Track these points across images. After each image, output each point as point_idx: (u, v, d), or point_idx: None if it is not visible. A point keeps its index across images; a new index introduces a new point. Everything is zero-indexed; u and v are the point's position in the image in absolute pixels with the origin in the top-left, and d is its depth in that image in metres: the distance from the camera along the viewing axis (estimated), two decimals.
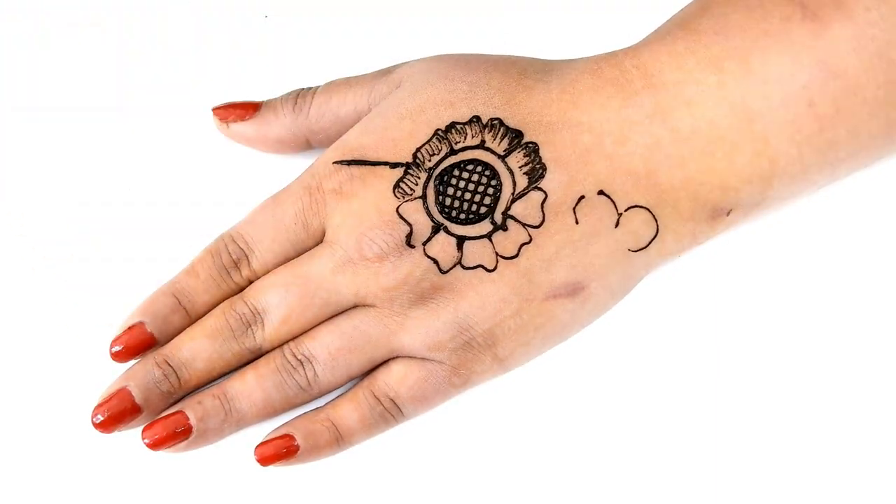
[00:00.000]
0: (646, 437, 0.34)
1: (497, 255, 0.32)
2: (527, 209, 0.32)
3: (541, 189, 0.32)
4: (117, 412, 0.32)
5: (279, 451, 0.33)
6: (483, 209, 0.32)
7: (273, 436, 0.33)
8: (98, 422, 0.32)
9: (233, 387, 0.33)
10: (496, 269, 0.32)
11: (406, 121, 0.33)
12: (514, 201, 0.32)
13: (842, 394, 0.34)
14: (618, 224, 0.32)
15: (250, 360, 0.34)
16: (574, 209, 0.32)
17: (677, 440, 0.34)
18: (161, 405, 0.33)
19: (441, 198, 0.32)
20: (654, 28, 0.34)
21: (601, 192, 0.32)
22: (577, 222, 0.32)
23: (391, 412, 0.33)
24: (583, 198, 0.32)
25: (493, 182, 0.32)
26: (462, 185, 0.32)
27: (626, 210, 0.32)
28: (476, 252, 0.32)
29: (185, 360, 0.33)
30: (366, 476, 0.34)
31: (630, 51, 0.33)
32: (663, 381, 0.35)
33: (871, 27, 0.31)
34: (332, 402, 0.34)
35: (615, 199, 0.32)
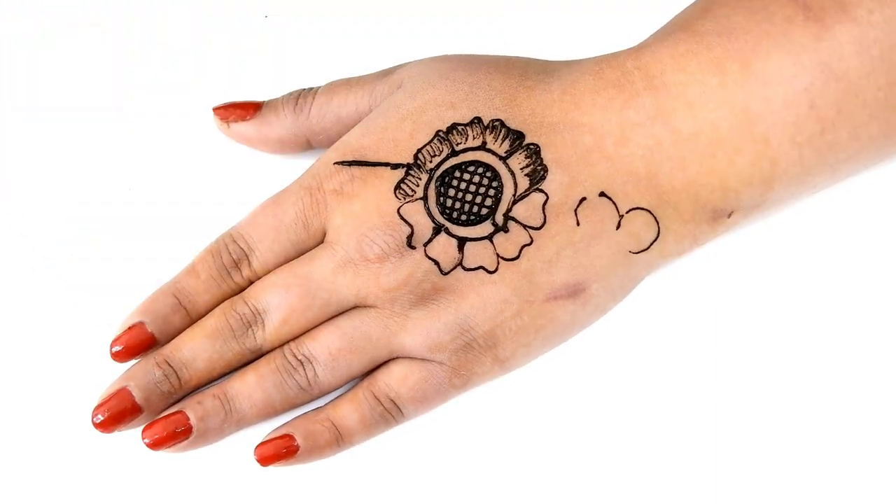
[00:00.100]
0: (646, 437, 0.34)
1: (498, 256, 0.32)
2: (528, 210, 0.32)
3: (542, 190, 0.32)
4: (117, 412, 0.32)
5: (279, 451, 0.33)
6: (484, 210, 0.32)
7: (273, 436, 0.33)
8: (98, 422, 0.32)
9: (233, 387, 0.33)
10: (497, 270, 0.32)
11: (407, 122, 0.33)
12: (515, 203, 0.32)
13: (841, 394, 0.34)
14: (619, 226, 0.32)
15: (251, 361, 0.34)
16: (575, 211, 0.32)
17: (677, 441, 0.34)
18: (161, 405, 0.33)
19: (442, 199, 0.32)
20: (655, 29, 0.34)
21: (602, 194, 0.32)
22: (578, 224, 0.32)
23: (391, 413, 0.33)
24: (584, 199, 0.32)
25: (494, 183, 0.32)
26: (463, 186, 0.32)
27: (627, 212, 0.32)
28: (477, 253, 0.32)
29: (186, 360, 0.33)
30: (366, 476, 0.34)
31: (632, 52, 0.33)
32: (663, 382, 0.35)
33: (874, 29, 0.31)
34: (332, 402, 0.34)
35: (616, 201, 0.32)
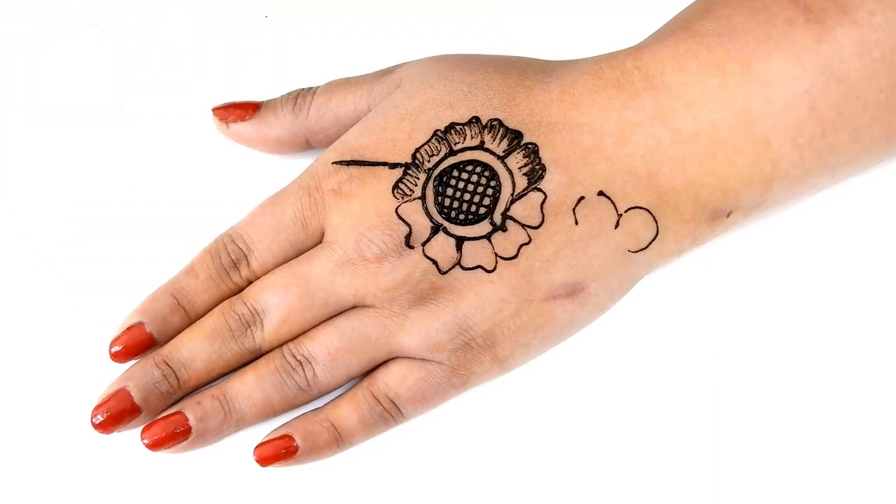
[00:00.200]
0: (645, 437, 0.34)
1: (496, 255, 0.32)
2: (526, 210, 0.32)
3: (540, 190, 0.32)
4: (116, 412, 0.32)
5: (278, 451, 0.33)
6: (482, 210, 0.32)
7: (272, 436, 0.33)
8: (97, 422, 0.32)
9: (232, 387, 0.33)
10: (495, 269, 0.32)
11: (405, 121, 0.33)
12: (513, 202, 0.32)
13: (841, 394, 0.34)
14: (617, 225, 0.32)
15: (250, 361, 0.34)
16: (574, 210, 0.32)
17: (676, 440, 0.34)
18: (160, 406, 0.33)
19: (440, 198, 0.32)
20: (655, 29, 0.34)
21: (601, 193, 0.32)
22: (576, 223, 0.32)
23: (391, 413, 0.33)
24: (582, 198, 0.32)
25: (492, 183, 0.32)
26: (461, 185, 0.32)
27: (626, 211, 0.32)
28: (475, 253, 0.32)
29: (185, 360, 0.33)
30: (366, 477, 0.34)
31: (631, 52, 0.33)
32: (662, 381, 0.35)
33: (875, 31, 0.30)
34: (331, 402, 0.33)
35: (615, 200, 0.32)
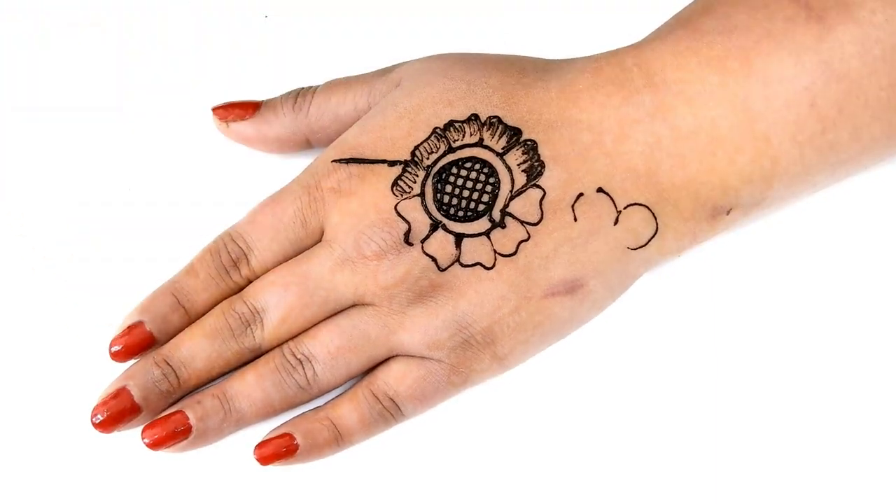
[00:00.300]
0: (644, 434, 0.34)
1: (495, 252, 0.32)
2: (525, 207, 0.32)
3: (539, 186, 0.32)
4: (117, 412, 0.32)
5: (279, 450, 0.33)
6: (481, 207, 0.32)
7: (272, 435, 0.33)
8: (98, 422, 0.32)
9: (232, 386, 0.33)
10: (494, 266, 0.32)
11: (404, 119, 0.33)
12: (512, 199, 0.32)
13: (840, 394, 0.34)
14: (617, 222, 0.32)
15: (250, 360, 0.34)
16: (573, 207, 0.32)
17: (675, 438, 0.34)
18: (160, 405, 0.33)
19: (439, 195, 0.32)
20: (655, 28, 0.34)
21: (600, 190, 0.32)
22: (575, 220, 0.32)
23: (390, 411, 0.33)
24: (581, 195, 0.32)
25: (491, 179, 0.32)
26: (460, 182, 0.32)
27: (625, 208, 0.32)
28: (474, 250, 0.32)
29: (185, 359, 0.33)
30: (366, 476, 0.34)
31: (631, 49, 0.33)
32: (661, 379, 0.34)
33: (876, 30, 0.30)
34: (331, 401, 0.33)
35: (614, 197, 0.32)
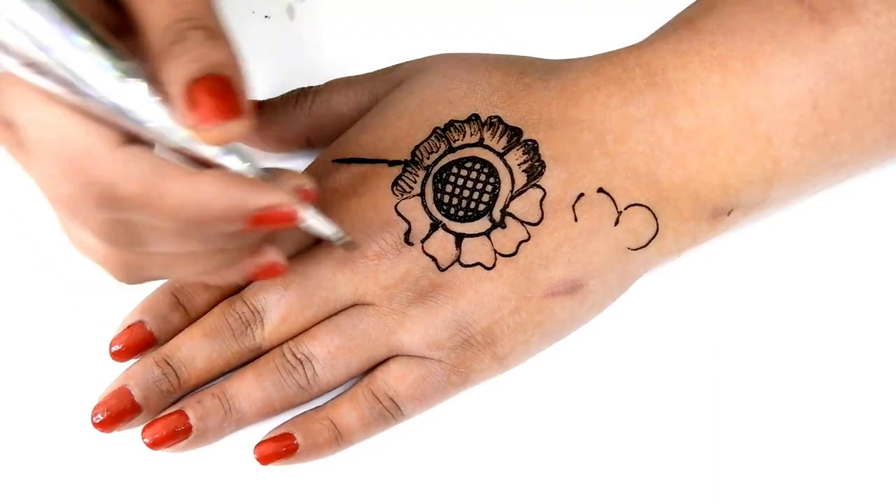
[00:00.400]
0: (643, 434, 0.34)
1: (496, 252, 0.32)
2: (525, 206, 0.32)
3: (539, 186, 0.32)
4: (117, 411, 0.32)
5: (279, 449, 0.33)
6: (481, 206, 0.32)
7: (272, 434, 0.33)
8: (98, 421, 0.32)
9: (232, 386, 0.33)
10: (495, 266, 0.32)
11: (405, 119, 0.33)
12: (512, 199, 0.32)
13: (840, 394, 0.34)
14: (617, 222, 0.32)
15: (250, 360, 0.34)
16: (573, 207, 0.32)
17: (674, 438, 0.34)
18: (161, 404, 0.33)
19: (439, 195, 0.32)
20: (657, 27, 0.34)
21: (601, 190, 0.32)
22: (576, 220, 0.32)
23: (390, 411, 0.33)
24: (582, 195, 0.32)
25: (491, 179, 0.32)
26: (460, 182, 0.32)
27: (625, 208, 0.32)
28: (474, 249, 0.32)
29: (185, 359, 0.33)
30: (366, 476, 0.34)
31: (633, 49, 0.33)
32: (660, 380, 0.34)
33: (880, 32, 0.30)
34: (331, 401, 0.33)
35: (615, 197, 0.32)
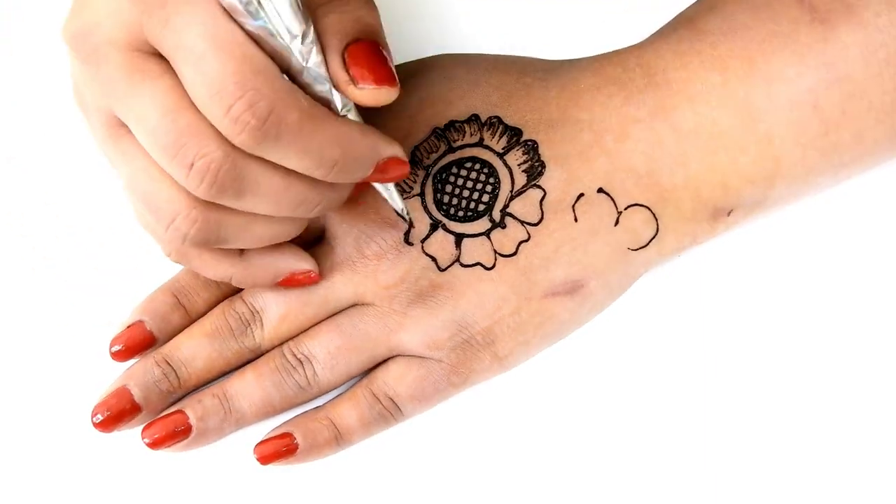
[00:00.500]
0: (643, 435, 0.34)
1: (495, 252, 0.32)
2: (525, 207, 0.32)
3: (539, 187, 0.32)
4: (117, 411, 0.32)
5: (278, 449, 0.33)
6: (481, 207, 0.32)
7: (272, 434, 0.33)
8: (98, 421, 0.32)
9: (232, 386, 0.33)
10: (494, 266, 0.32)
11: (404, 119, 0.33)
12: (512, 199, 0.32)
13: (840, 394, 0.34)
14: (617, 222, 0.32)
15: (250, 360, 0.34)
16: (573, 207, 0.32)
17: (674, 438, 0.34)
18: (161, 404, 0.33)
19: (439, 195, 0.32)
20: (657, 27, 0.34)
21: (601, 190, 0.32)
22: (576, 220, 0.32)
23: (390, 411, 0.33)
24: (582, 195, 0.32)
25: (491, 179, 0.32)
26: (460, 182, 0.32)
27: (625, 208, 0.32)
28: (474, 250, 0.32)
29: (185, 359, 0.33)
30: (366, 476, 0.34)
31: (634, 49, 0.33)
32: (660, 380, 0.34)
33: (881, 33, 0.30)
34: (331, 401, 0.33)
35: (615, 197, 0.32)
